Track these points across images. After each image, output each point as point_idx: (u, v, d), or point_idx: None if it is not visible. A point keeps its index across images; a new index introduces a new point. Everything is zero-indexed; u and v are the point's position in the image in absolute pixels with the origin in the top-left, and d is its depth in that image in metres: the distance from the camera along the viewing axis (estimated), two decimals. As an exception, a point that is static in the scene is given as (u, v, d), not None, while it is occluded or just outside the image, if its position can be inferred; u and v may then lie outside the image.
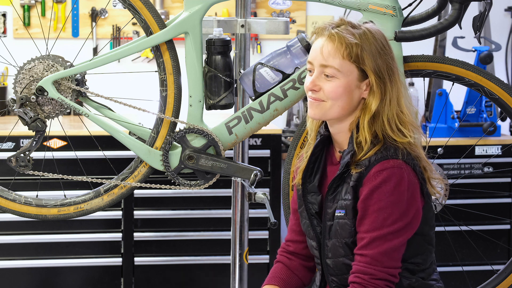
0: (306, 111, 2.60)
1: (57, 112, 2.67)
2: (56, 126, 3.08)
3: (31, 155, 2.69)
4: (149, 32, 2.61)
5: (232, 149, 2.86)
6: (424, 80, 2.83)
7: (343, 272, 2.32)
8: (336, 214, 2.30)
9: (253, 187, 2.75)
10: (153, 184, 2.74)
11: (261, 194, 2.80)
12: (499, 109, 4.35)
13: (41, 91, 2.62)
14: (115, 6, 4.81)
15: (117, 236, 4.24)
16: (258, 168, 2.67)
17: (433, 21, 2.60)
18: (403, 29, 2.55)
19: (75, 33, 4.80)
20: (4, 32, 4.77)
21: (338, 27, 2.27)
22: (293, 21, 4.88)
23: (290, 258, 2.52)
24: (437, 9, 2.60)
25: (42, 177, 2.73)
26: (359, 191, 2.26)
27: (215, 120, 2.76)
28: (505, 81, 3.66)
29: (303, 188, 2.41)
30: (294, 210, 2.50)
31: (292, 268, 2.51)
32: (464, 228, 4.06)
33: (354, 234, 2.29)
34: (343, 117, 2.31)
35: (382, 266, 2.24)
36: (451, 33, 4.32)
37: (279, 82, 2.62)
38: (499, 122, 4.53)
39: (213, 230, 4.28)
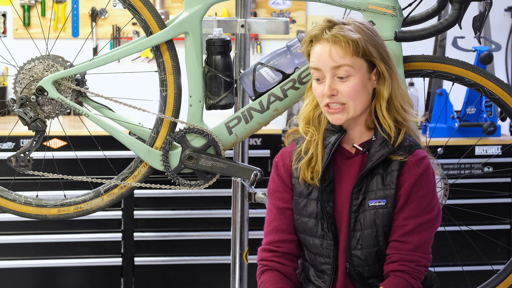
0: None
1: (57, 112, 2.67)
2: (56, 126, 3.07)
3: (31, 155, 2.69)
4: (149, 32, 2.61)
5: (232, 149, 2.86)
6: (424, 80, 2.83)
7: (373, 262, 2.33)
8: (371, 204, 2.30)
9: (253, 187, 2.75)
10: (153, 184, 2.74)
11: (261, 194, 2.80)
12: (499, 109, 4.34)
13: (41, 91, 2.62)
14: (115, 6, 4.81)
15: (117, 236, 4.24)
16: (258, 168, 2.66)
17: (433, 21, 2.60)
18: (403, 29, 2.55)
19: (75, 33, 4.80)
20: (4, 32, 4.77)
21: (332, 28, 2.27)
22: (293, 21, 4.88)
23: (284, 263, 2.39)
24: (437, 9, 2.60)
25: (42, 177, 2.73)
26: (400, 180, 2.30)
27: (215, 120, 2.76)
28: (505, 81, 3.66)
29: (322, 187, 2.35)
30: (282, 208, 2.41)
31: (288, 274, 2.40)
32: (464, 228, 4.06)
33: (392, 222, 2.32)
34: (362, 112, 2.34)
35: (424, 252, 2.30)
36: (451, 33, 4.31)
37: (279, 82, 2.62)
38: (499, 122, 4.52)
39: (213, 230, 4.28)
